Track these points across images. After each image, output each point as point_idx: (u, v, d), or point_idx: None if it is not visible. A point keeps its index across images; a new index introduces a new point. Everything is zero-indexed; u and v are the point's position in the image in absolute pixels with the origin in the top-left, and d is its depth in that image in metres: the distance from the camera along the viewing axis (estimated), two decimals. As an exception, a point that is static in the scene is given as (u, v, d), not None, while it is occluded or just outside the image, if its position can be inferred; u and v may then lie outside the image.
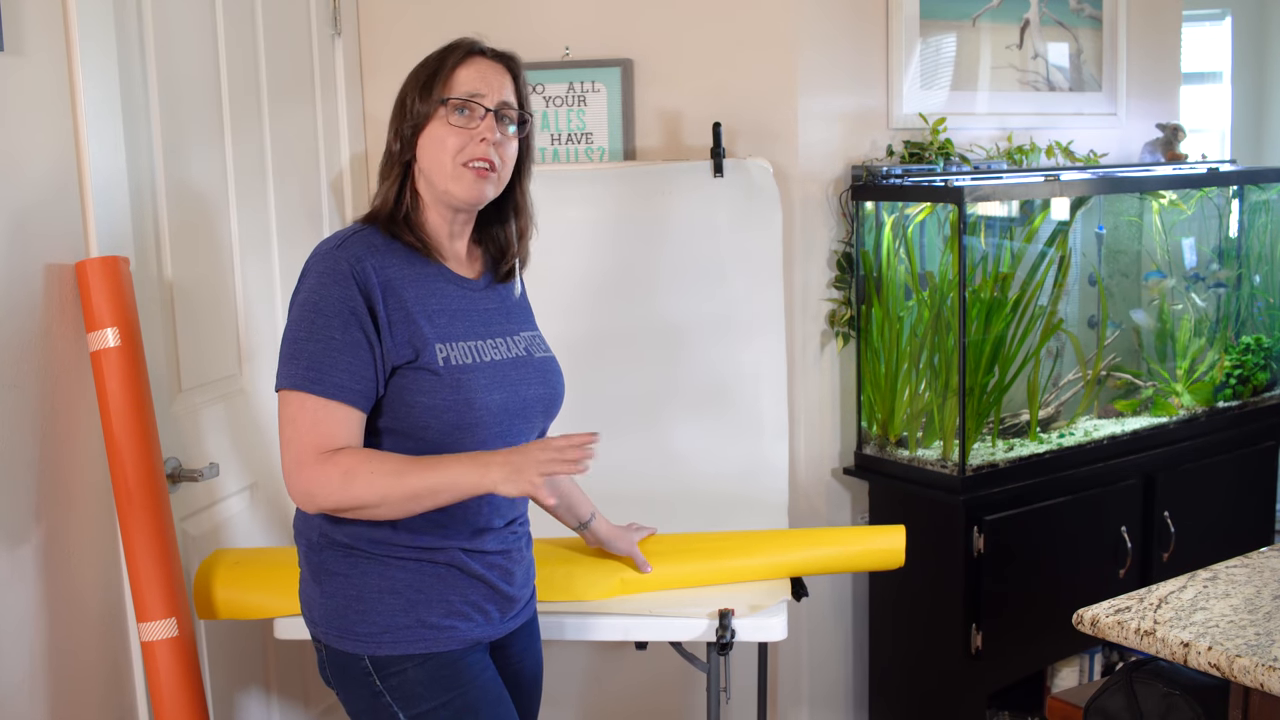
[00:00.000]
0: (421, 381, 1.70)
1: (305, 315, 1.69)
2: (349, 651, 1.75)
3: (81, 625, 2.01)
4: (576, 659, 3.05)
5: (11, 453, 1.86)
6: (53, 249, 1.95)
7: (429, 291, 1.75)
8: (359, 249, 1.71)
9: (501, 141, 1.76)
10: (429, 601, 1.75)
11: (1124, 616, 1.78)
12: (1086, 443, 3.06)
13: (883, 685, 3.09)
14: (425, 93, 1.76)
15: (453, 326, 1.76)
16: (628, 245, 2.78)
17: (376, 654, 1.74)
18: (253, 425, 2.51)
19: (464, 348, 1.75)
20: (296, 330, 1.70)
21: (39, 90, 1.93)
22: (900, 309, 2.95)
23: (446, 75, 1.75)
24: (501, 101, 1.76)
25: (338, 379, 1.66)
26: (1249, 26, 5.16)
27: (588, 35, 2.90)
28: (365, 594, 1.75)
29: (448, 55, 1.78)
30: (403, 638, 1.74)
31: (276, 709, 2.60)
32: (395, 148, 1.78)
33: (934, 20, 3.09)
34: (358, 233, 1.75)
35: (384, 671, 1.74)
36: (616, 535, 2.17)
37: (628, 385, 2.78)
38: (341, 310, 1.67)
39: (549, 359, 1.90)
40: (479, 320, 1.81)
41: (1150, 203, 3.39)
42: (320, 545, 1.78)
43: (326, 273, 1.69)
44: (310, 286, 1.70)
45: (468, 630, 1.78)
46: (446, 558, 1.76)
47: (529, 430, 1.84)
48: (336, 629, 1.76)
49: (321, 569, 1.78)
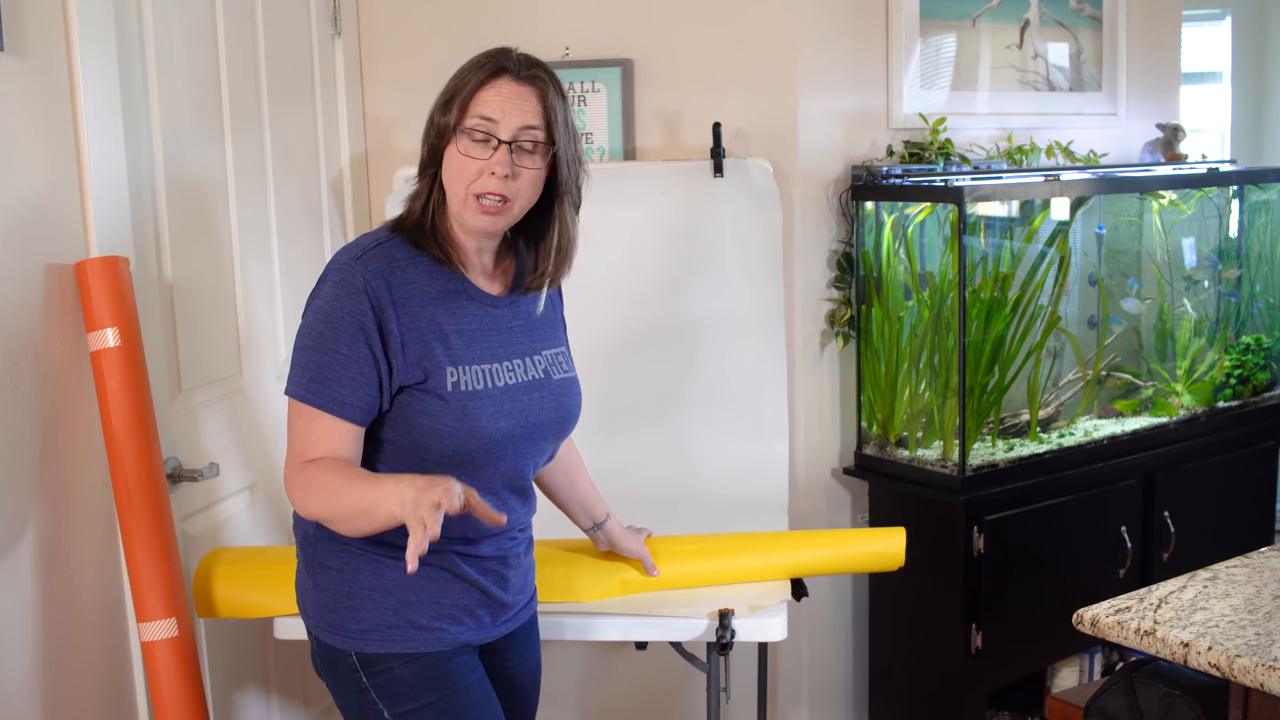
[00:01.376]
0: (428, 405, 1.70)
1: (316, 325, 1.68)
2: (337, 646, 1.76)
3: (81, 625, 2.01)
4: (576, 659, 3.05)
5: (11, 453, 1.86)
6: (53, 249, 1.95)
7: (448, 311, 1.73)
8: (378, 264, 1.69)
9: (518, 173, 1.69)
10: (419, 603, 1.75)
11: (1124, 616, 1.78)
12: (1086, 443, 3.06)
13: (883, 685, 3.09)
14: (444, 111, 1.71)
15: (469, 349, 1.73)
16: (627, 246, 2.78)
17: (363, 651, 1.74)
18: (253, 425, 2.51)
19: (477, 371, 1.73)
20: (306, 338, 1.69)
21: (39, 90, 1.93)
22: (900, 309, 2.95)
23: (466, 99, 1.69)
24: (522, 127, 1.68)
25: (336, 392, 1.66)
26: (1249, 26, 5.17)
27: (588, 35, 2.90)
28: (356, 590, 1.75)
29: (472, 74, 1.71)
30: (390, 636, 1.74)
31: (276, 709, 2.60)
32: (424, 156, 1.74)
33: (934, 20, 3.09)
34: (381, 244, 1.72)
35: (370, 669, 1.74)
36: (627, 536, 2.16)
37: (627, 385, 2.78)
38: (351, 325, 1.66)
39: (568, 380, 1.85)
40: (499, 340, 1.77)
41: (1150, 203, 3.39)
42: (316, 538, 1.78)
43: (341, 284, 1.68)
44: (325, 296, 1.69)
45: (457, 633, 1.77)
46: (440, 561, 1.75)
47: (537, 453, 1.82)
48: (327, 623, 1.77)
49: (315, 561, 1.78)
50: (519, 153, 1.69)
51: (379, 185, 2.96)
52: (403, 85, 2.96)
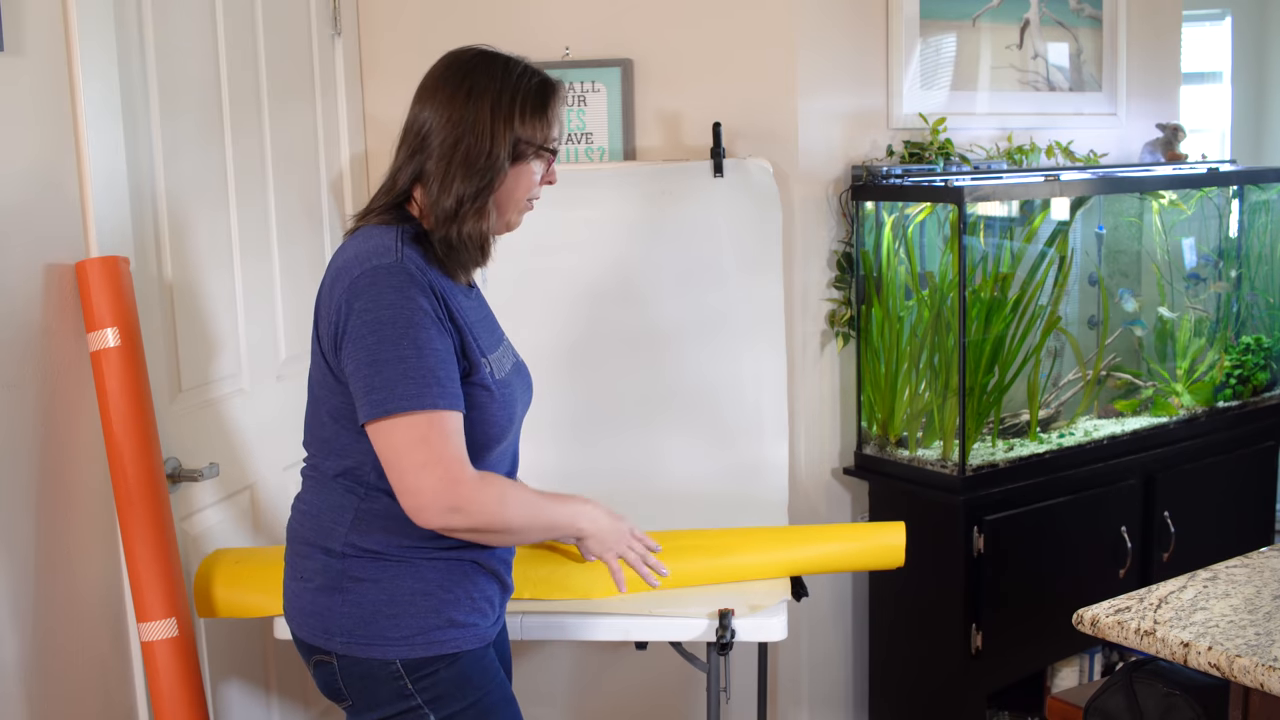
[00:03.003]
0: (475, 396, 1.70)
1: (398, 331, 1.61)
2: (377, 658, 1.72)
3: (81, 625, 2.01)
4: (576, 659, 3.05)
5: (11, 453, 1.86)
6: (53, 249, 1.95)
7: (465, 303, 1.76)
8: (415, 262, 1.67)
9: None
10: (455, 600, 1.75)
11: (1124, 616, 1.78)
12: (1086, 443, 3.06)
13: (883, 685, 3.09)
14: (528, 124, 1.72)
15: (484, 338, 1.77)
16: (627, 245, 2.78)
17: (409, 657, 1.72)
18: (253, 425, 2.51)
19: (496, 360, 1.78)
20: (396, 349, 1.61)
21: (39, 90, 1.93)
22: (900, 309, 2.95)
23: (548, 118, 1.75)
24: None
25: (455, 389, 1.65)
26: (1249, 26, 5.17)
27: (588, 35, 2.89)
28: (397, 597, 1.73)
29: (550, 94, 1.75)
30: (435, 638, 1.73)
31: (276, 709, 2.60)
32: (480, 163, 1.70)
33: (934, 20, 3.09)
34: (405, 244, 1.69)
35: (416, 674, 1.73)
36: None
37: (627, 385, 2.78)
38: (430, 320, 1.64)
39: (525, 362, 1.94)
40: (489, 328, 1.83)
41: (1150, 203, 3.39)
42: (344, 554, 1.74)
43: (401, 287, 1.63)
44: (388, 302, 1.62)
45: (485, 627, 1.79)
46: (469, 555, 1.77)
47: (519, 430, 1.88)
48: (363, 636, 1.73)
49: (345, 576, 1.74)
50: None
51: (379, 185, 2.95)
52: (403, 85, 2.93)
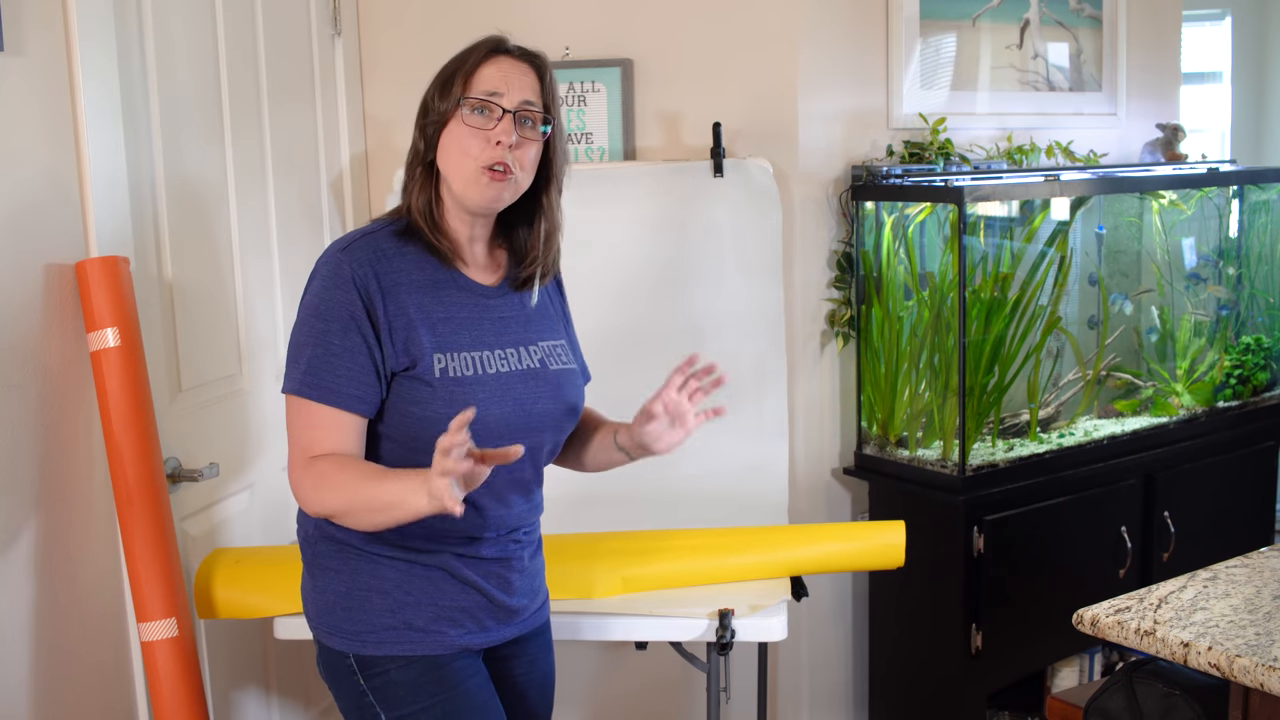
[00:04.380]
0: (416, 391, 1.69)
1: (307, 319, 1.69)
2: (335, 649, 1.75)
3: (81, 625, 2.01)
4: (576, 659, 3.04)
5: (11, 453, 1.86)
6: (53, 249, 1.95)
7: (435, 299, 1.73)
8: (364, 254, 1.70)
9: (520, 144, 1.71)
10: (417, 604, 1.74)
11: (1124, 616, 1.78)
12: (1086, 443, 3.06)
13: (883, 685, 3.09)
14: (446, 90, 1.72)
15: (457, 336, 1.73)
16: (627, 245, 2.78)
17: (361, 653, 1.74)
18: (253, 425, 2.51)
19: (466, 358, 1.72)
20: (299, 334, 1.70)
21: (39, 90, 1.93)
22: (900, 309, 2.95)
23: (467, 73, 1.72)
24: (523, 101, 1.71)
25: (334, 384, 1.66)
26: (1249, 26, 5.17)
27: (588, 35, 2.89)
28: (354, 591, 1.74)
29: (471, 53, 1.74)
30: (387, 638, 1.73)
31: (276, 709, 2.60)
32: (420, 146, 1.75)
33: (934, 20, 3.09)
34: (368, 235, 1.73)
35: (368, 671, 1.74)
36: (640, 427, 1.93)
37: (627, 385, 2.76)
38: (341, 315, 1.67)
39: (566, 371, 1.83)
40: (491, 329, 1.77)
41: (1150, 203, 3.39)
42: (315, 539, 1.78)
43: (329, 277, 1.69)
44: (314, 290, 1.70)
45: (456, 636, 1.76)
46: (437, 561, 1.74)
47: (538, 446, 1.79)
48: (326, 625, 1.76)
49: (315, 563, 1.78)
50: (519, 125, 1.71)
51: (379, 185, 2.96)
52: (403, 85, 2.94)
